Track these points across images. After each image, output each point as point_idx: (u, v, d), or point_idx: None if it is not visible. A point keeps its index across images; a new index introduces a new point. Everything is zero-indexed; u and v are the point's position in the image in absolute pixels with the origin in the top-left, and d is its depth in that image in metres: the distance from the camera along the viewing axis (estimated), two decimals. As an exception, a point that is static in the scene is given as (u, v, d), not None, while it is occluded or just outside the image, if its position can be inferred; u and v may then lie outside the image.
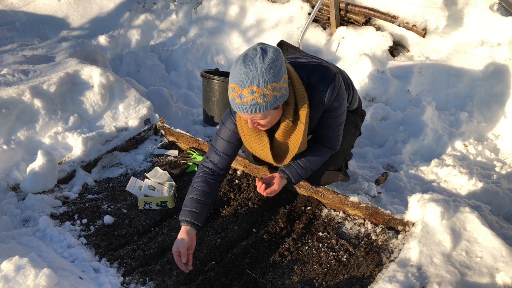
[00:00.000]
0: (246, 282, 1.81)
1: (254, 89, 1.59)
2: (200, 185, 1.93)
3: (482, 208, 2.41)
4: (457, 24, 3.75)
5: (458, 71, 3.48)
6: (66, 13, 6.14)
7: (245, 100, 1.62)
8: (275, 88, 1.61)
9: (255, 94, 1.60)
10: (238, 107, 1.66)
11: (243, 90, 1.60)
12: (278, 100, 1.66)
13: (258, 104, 1.62)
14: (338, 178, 2.27)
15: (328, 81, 1.82)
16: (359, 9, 4.09)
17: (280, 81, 1.62)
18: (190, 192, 1.94)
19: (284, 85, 1.66)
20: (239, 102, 1.64)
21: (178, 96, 4.02)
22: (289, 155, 1.94)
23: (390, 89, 3.56)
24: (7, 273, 1.53)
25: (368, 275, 1.80)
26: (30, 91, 2.78)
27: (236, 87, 1.62)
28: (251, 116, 1.70)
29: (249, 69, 1.57)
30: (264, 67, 1.57)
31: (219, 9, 5.18)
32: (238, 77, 1.60)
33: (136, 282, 1.80)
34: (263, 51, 1.59)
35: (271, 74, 1.58)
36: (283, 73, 1.64)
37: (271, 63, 1.58)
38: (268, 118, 1.73)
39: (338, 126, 1.98)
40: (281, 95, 1.66)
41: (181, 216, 1.89)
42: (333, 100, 1.85)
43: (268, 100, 1.62)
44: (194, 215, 1.86)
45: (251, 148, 1.96)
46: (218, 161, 1.98)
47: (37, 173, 2.35)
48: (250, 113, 1.66)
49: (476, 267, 1.66)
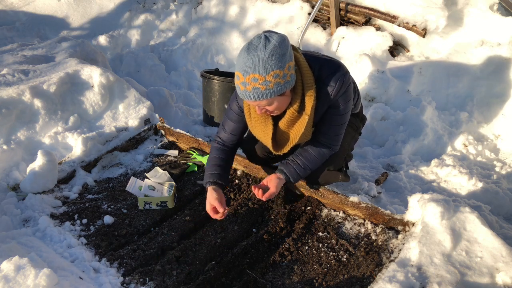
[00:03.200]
0: (246, 282, 1.81)
1: (257, 77, 1.61)
2: (216, 154, 2.08)
3: (482, 208, 2.40)
4: (457, 24, 3.75)
5: (458, 71, 3.48)
6: (66, 13, 6.14)
7: (248, 87, 1.64)
8: (278, 75, 1.62)
9: (258, 82, 1.61)
10: (242, 94, 1.69)
11: (246, 78, 1.63)
12: (283, 87, 1.66)
13: (261, 91, 1.64)
14: (338, 178, 2.27)
15: (338, 76, 1.82)
16: (359, 9, 4.10)
17: (283, 68, 1.62)
18: (208, 162, 2.09)
19: (289, 72, 1.66)
20: (243, 90, 1.67)
21: (178, 96, 4.03)
22: (289, 145, 1.96)
23: (390, 89, 3.56)
24: (7, 273, 1.53)
25: (368, 275, 1.80)
26: (30, 91, 2.78)
27: (240, 75, 1.65)
28: (256, 103, 1.73)
29: (251, 56, 1.59)
30: (266, 54, 1.58)
31: (219, 9, 5.18)
32: (242, 65, 1.62)
33: (136, 282, 1.80)
34: (266, 39, 1.60)
35: (274, 61, 1.59)
36: (288, 60, 1.64)
37: (273, 50, 1.59)
38: (275, 104, 1.74)
39: (340, 125, 1.97)
40: (286, 82, 1.66)
41: (204, 180, 2.03)
42: (340, 97, 1.86)
43: (271, 87, 1.63)
44: (216, 175, 2.00)
45: (255, 132, 2.01)
46: (227, 139, 2.11)
47: (37, 173, 2.35)
48: (254, 100, 1.68)
49: (476, 267, 1.66)
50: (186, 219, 2.18)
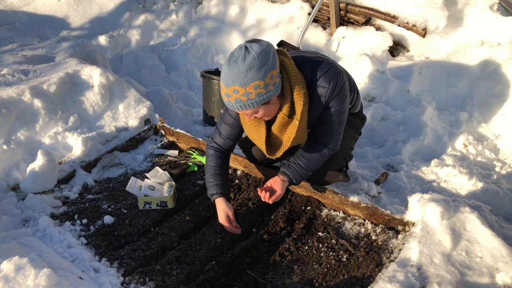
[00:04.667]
0: (246, 282, 1.80)
1: (237, 89, 1.63)
2: (215, 162, 2.11)
3: (482, 208, 2.40)
4: (457, 24, 3.75)
5: (458, 71, 3.48)
6: (66, 13, 6.14)
7: (230, 98, 1.67)
8: (258, 86, 1.63)
9: (238, 93, 1.64)
10: (227, 104, 1.72)
11: (228, 89, 1.66)
12: (265, 96, 1.67)
13: (243, 102, 1.67)
14: (338, 178, 2.28)
15: (331, 77, 1.82)
16: (359, 9, 4.10)
17: (265, 79, 1.63)
18: (207, 170, 2.12)
19: (271, 81, 1.66)
20: (226, 100, 1.70)
21: (178, 96, 4.03)
22: (282, 149, 1.97)
23: (390, 89, 3.56)
24: (7, 273, 1.53)
25: (368, 275, 1.80)
26: (30, 91, 2.78)
27: (223, 86, 1.68)
28: (241, 112, 1.76)
29: (231, 69, 1.62)
30: (245, 67, 1.59)
31: (219, 9, 5.19)
32: (223, 77, 1.66)
33: (136, 282, 1.80)
34: (246, 50, 1.61)
35: (253, 72, 1.60)
36: (270, 70, 1.64)
37: (252, 61, 1.59)
38: (261, 112, 1.75)
39: (338, 125, 1.97)
40: (268, 91, 1.67)
41: (209, 192, 2.08)
42: (335, 97, 1.85)
43: (252, 98, 1.65)
44: (221, 186, 2.06)
45: (249, 136, 2.03)
46: (222, 143, 2.12)
47: (37, 173, 2.35)
48: (239, 109, 1.71)
49: (476, 267, 1.66)
50: (186, 219, 2.18)
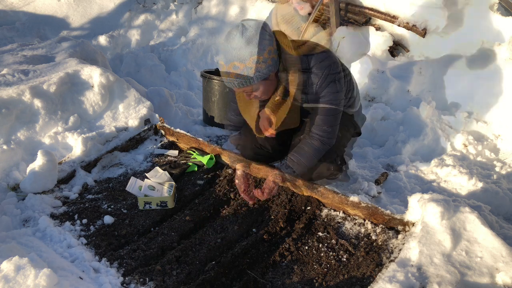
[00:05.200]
0: (246, 282, 1.80)
1: (237, 64, 1.66)
2: None
3: (482, 208, 2.40)
4: (457, 24, 3.75)
5: (458, 71, 3.48)
6: (66, 13, 6.14)
7: (231, 75, 1.69)
8: (258, 60, 1.66)
9: (238, 69, 1.66)
10: (228, 83, 1.75)
11: (227, 66, 1.68)
12: (265, 71, 1.70)
13: (243, 78, 1.68)
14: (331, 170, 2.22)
15: (325, 65, 1.84)
16: (359, 9, 4.10)
17: (263, 53, 1.66)
18: None
19: (269, 57, 1.69)
20: (227, 79, 1.72)
21: (178, 96, 4.03)
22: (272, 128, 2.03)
23: (390, 89, 3.56)
24: (7, 273, 1.53)
25: (368, 275, 1.80)
26: (30, 91, 2.78)
27: (222, 64, 1.70)
28: (241, 90, 1.77)
29: (230, 45, 1.65)
30: (243, 42, 1.63)
31: (219, 9, 5.19)
32: (223, 54, 1.68)
33: (136, 282, 1.80)
34: (243, 27, 1.66)
35: (251, 47, 1.64)
36: (267, 46, 1.68)
37: (250, 37, 1.64)
38: (260, 89, 1.78)
39: (332, 116, 1.97)
40: (267, 66, 1.70)
41: None
42: (326, 86, 1.86)
43: (252, 72, 1.67)
44: None
45: (242, 114, 2.09)
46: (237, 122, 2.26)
47: (37, 173, 2.35)
48: (238, 87, 1.73)
49: (476, 267, 1.66)
50: (186, 219, 2.18)
